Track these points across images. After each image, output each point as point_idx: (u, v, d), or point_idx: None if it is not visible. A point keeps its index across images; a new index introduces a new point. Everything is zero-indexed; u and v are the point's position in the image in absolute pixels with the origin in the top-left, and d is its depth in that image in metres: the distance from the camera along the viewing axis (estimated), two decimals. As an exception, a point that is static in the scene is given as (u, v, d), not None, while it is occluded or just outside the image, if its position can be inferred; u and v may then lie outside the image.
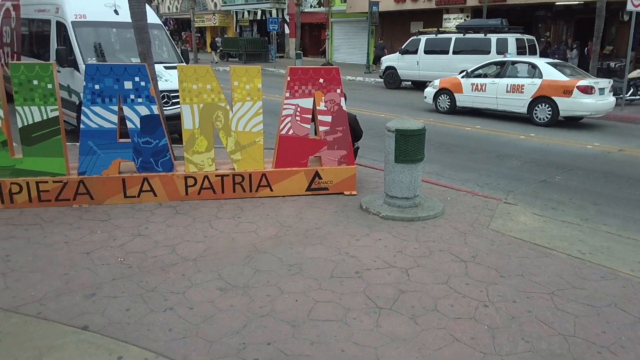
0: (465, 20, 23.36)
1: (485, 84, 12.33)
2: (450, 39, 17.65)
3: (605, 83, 11.49)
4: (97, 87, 5.26)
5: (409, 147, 5.20)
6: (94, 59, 8.26)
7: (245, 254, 4.35)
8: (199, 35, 42.38)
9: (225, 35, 40.02)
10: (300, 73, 5.73)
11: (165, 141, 5.54)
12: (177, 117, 6.69)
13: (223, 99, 5.59)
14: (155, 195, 5.57)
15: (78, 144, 5.49)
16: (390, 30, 29.49)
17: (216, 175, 5.68)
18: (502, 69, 12.33)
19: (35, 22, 9.80)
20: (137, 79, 5.33)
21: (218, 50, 34.12)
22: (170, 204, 5.54)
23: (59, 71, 7.80)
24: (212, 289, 3.73)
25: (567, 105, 11.07)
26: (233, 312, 3.42)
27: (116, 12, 8.82)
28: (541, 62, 11.83)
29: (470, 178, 7.34)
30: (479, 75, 12.70)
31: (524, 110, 11.68)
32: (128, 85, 5.32)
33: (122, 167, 5.57)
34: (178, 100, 6.33)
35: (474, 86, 12.52)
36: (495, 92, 12.09)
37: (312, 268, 4.11)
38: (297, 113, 5.78)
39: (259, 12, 38.34)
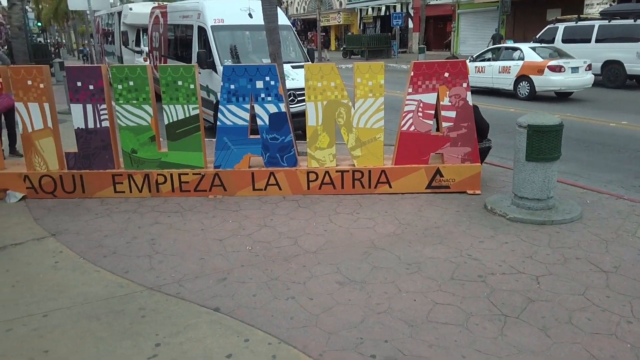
0: (610, 5, 20.96)
1: (485, 67, 14.78)
2: (593, 26, 16.00)
3: (580, 62, 13.31)
4: (232, 86, 5.66)
5: (543, 144, 4.81)
6: (230, 60, 8.88)
7: (363, 249, 4.38)
8: (324, 34, 43.50)
9: (349, 33, 40.55)
10: (424, 68, 5.60)
11: (290, 137, 5.78)
12: (301, 115, 6.96)
13: (346, 95, 5.67)
14: (280, 189, 5.85)
15: (214, 139, 5.96)
16: (523, 19, 27.55)
17: (336, 171, 5.79)
18: (498, 54, 14.75)
19: (179, 28, 10.82)
20: (267, 78, 5.63)
21: (342, 48, 34.93)
22: (293, 197, 5.78)
23: (199, 72, 8.53)
24: (331, 282, 3.81)
25: (540, 82, 13.18)
26: (351, 306, 3.47)
27: (250, 15, 9.38)
28: (525, 47, 14.17)
29: (614, 179, 6.59)
30: (483, 60, 15.10)
31: (511, 87, 14.06)
32: (259, 84, 5.64)
33: (252, 162, 5.93)
34: (303, 98, 6.57)
35: (477, 69, 14.86)
36: (491, 73, 14.56)
37: (431, 268, 4.01)
38: (420, 109, 5.67)
39: (383, 8, 38.22)
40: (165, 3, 13.33)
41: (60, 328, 3.27)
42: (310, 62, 9.26)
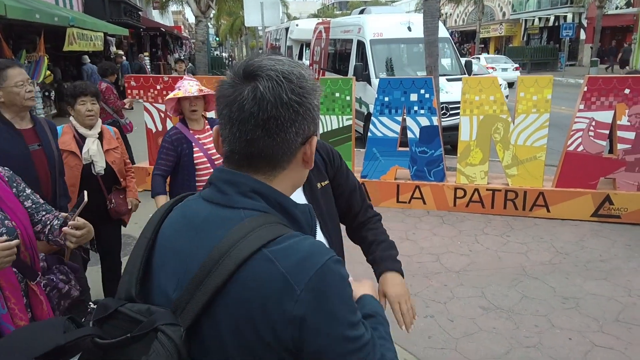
0: None
1: None
2: None
3: (509, 65, 21.41)
4: (386, 99, 5.72)
5: None
6: (384, 73, 9.00)
7: (512, 276, 4.09)
8: (482, 46, 41.71)
9: (510, 45, 38.40)
10: (600, 83, 5.06)
11: (440, 151, 5.65)
12: (451, 129, 6.75)
13: (505, 110, 5.37)
14: (424, 203, 5.74)
15: (362, 150, 6.08)
16: None
17: (487, 189, 5.50)
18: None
19: (339, 42, 11.28)
20: (422, 91, 5.57)
21: None
22: (438, 213, 5.63)
23: (353, 84, 8.79)
24: (474, 306, 3.63)
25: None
26: (495, 335, 3.26)
27: (409, 28, 9.39)
28: (482, 56, 23.31)
29: None
30: None
31: None
32: (413, 97, 5.62)
33: (397, 174, 5.92)
34: (455, 112, 6.38)
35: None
36: None
37: (591, 305, 3.58)
38: (591, 127, 5.12)
39: (552, 18, 35.38)
40: (328, 19, 14.04)
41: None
42: (466, 75, 8.95)
